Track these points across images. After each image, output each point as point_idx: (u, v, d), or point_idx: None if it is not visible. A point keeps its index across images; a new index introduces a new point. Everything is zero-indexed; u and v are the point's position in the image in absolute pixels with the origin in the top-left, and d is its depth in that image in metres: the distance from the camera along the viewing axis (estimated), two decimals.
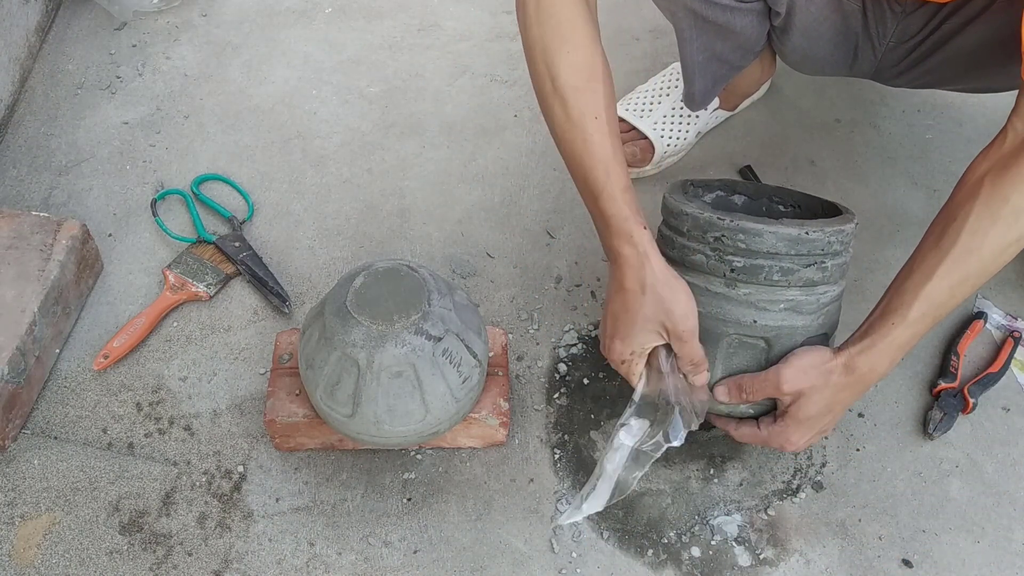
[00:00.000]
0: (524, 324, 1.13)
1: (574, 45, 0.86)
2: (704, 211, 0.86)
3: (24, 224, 1.07)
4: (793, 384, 0.84)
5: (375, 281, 0.90)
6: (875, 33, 1.05)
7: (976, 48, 0.99)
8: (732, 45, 1.09)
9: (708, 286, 0.86)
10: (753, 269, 0.84)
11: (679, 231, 0.88)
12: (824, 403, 0.85)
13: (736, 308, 0.85)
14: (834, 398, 0.85)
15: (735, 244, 0.84)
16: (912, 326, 0.82)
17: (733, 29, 1.04)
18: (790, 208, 0.99)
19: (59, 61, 1.42)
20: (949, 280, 0.80)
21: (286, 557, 0.94)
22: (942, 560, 0.96)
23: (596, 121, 0.85)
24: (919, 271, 0.82)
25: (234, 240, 1.18)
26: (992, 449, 1.04)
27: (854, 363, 0.83)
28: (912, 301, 0.81)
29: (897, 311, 0.82)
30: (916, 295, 0.81)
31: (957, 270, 0.80)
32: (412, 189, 1.28)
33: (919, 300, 0.81)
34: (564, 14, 0.87)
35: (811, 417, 0.86)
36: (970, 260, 0.80)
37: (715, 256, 0.85)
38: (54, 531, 0.95)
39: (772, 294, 0.85)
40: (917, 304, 0.81)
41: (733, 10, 1.02)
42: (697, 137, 1.32)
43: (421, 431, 0.90)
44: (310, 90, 1.41)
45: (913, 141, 1.36)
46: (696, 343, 0.84)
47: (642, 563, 0.94)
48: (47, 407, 1.03)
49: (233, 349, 1.09)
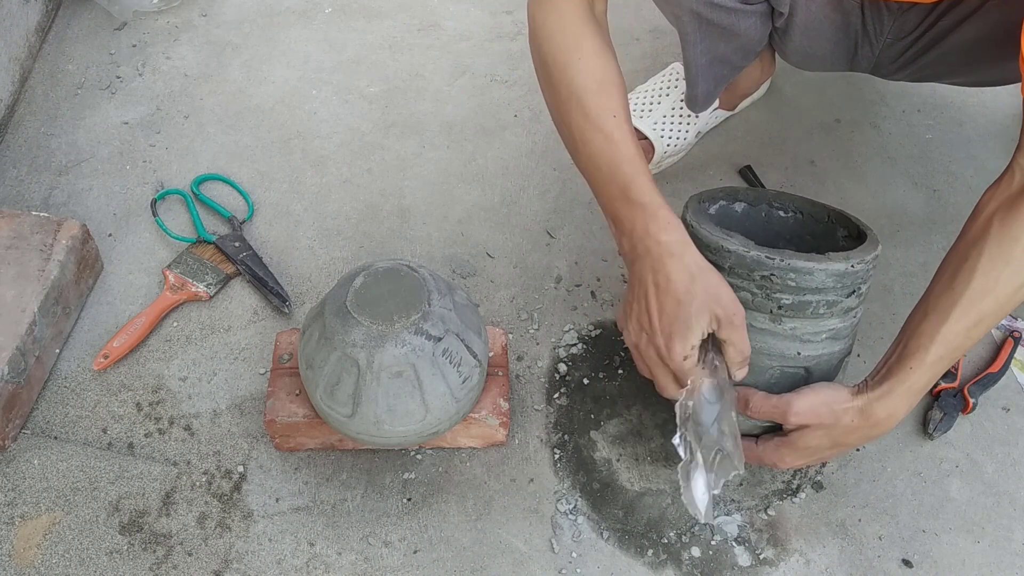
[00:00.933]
0: (524, 324, 1.13)
1: (584, 53, 0.89)
2: (750, 249, 0.83)
3: (24, 224, 1.07)
4: (802, 418, 0.83)
5: (375, 281, 0.90)
6: (872, 30, 1.05)
7: (972, 44, 0.99)
8: (735, 46, 1.09)
9: (752, 322, 0.83)
10: (801, 305, 0.83)
11: (718, 266, 0.83)
12: (829, 439, 0.84)
13: (781, 342, 0.84)
14: (842, 437, 0.84)
15: (784, 283, 0.82)
16: (930, 369, 0.81)
17: (737, 31, 1.05)
18: (791, 213, 0.98)
19: (59, 61, 1.42)
20: (965, 322, 0.80)
21: (286, 557, 0.94)
22: (942, 560, 0.96)
23: (615, 119, 0.86)
24: (934, 313, 0.81)
25: (234, 240, 1.18)
26: (992, 449, 1.04)
27: (871, 409, 0.82)
28: (929, 344, 0.80)
29: (915, 355, 0.81)
30: (933, 338, 0.80)
31: (972, 311, 0.80)
32: (412, 189, 1.28)
33: (936, 344, 0.80)
34: (575, 29, 0.90)
35: (810, 447, 0.85)
36: (985, 301, 0.79)
37: (762, 294, 0.83)
38: (54, 531, 0.95)
39: (816, 326, 0.84)
40: (934, 347, 0.80)
41: (737, 12, 1.02)
42: (697, 137, 1.32)
43: (421, 431, 0.90)
44: (310, 90, 1.41)
45: (913, 141, 1.36)
46: (745, 333, 0.81)
47: (642, 563, 0.94)
48: (47, 407, 1.03)
49: (233, 349, 1.09)
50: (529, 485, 0.99)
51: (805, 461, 0.87)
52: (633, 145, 0.86)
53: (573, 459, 1.01)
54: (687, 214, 0.89)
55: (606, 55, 0.90)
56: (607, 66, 0.89)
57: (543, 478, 1.00)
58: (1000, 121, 1.39)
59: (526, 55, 1.48)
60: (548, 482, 1.00)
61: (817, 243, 0.97)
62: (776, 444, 0.87)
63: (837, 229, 0.96)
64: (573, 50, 0.89)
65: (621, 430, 1.03)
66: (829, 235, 0.97)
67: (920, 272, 1.20)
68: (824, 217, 0.97)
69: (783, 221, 0.98)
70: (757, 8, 1.03)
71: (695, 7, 1.01)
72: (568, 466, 1.01)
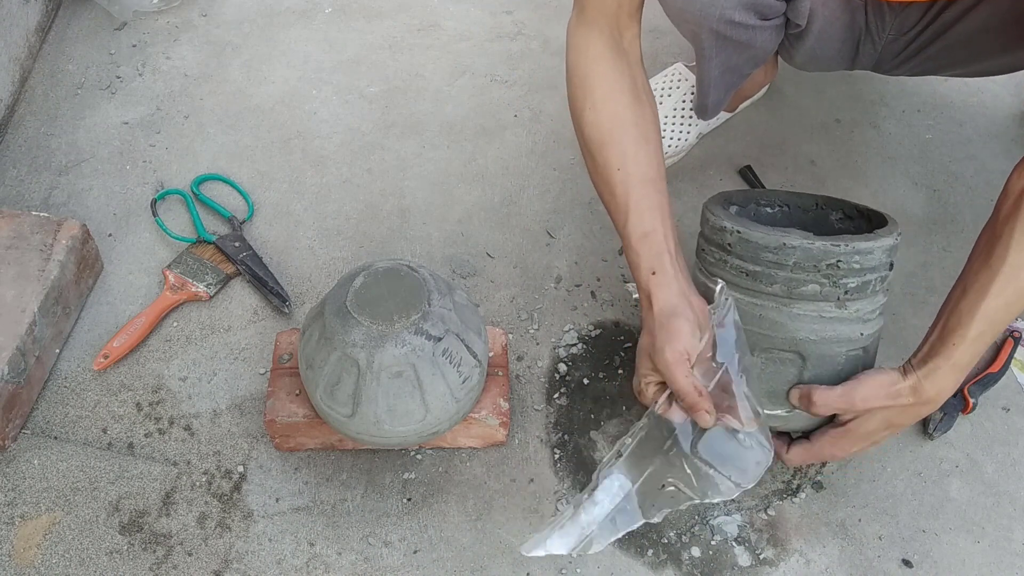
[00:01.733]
0: (524, 324, 1.13)
1: (594, 101, 0.91)
2: (815, 241, 0.83)
3: (24, 224, 1.07)
4: (869, 403, 0.85)
5: (375, 281, 0.90)
6: (875, 27, 1.05)
7: (975, 34, 1.00)
8: (747, 57, 1.10)
9: (821, 313, 0.85)
10: (863, 286, 0.85)
11: (782, 265, 0.84)
12: (885, 421, 0.86)
13: (847, 327, 0.86)
14: (896, 417, 0.86)
15: (850, 266, 0.84)
16: (973, 345, 0.82)
17: (753, 44, 1.05)
18: (777, 208, 0.99)
19: (59, 61, 1.42)
20: (1004, 297, 0.81)
21: (286, 557, 0.94)
22: (942, 560, 0.96)
23: (617, 173, 0.88)
24: (973, 290, 0.83)
25: (234, 240, 1.18)
26: (992, 449, 1.04)
27: (921, 386, 0.83)
28: (970, 321, 0.82)
29: (956, 331, 0.83)
30: (973, 315, 0.82)
31: (1011, 286, 0.81)
32: (412, 189, 1.28)
33: (977, 319, 0.82)
34: (589, 70, 0.92)
35: (870, 432, 0.87)
36: (1021, 275, 0.81)
37: (828, 283, 0.84)
38: (54, 531, 0.95)
39: (873, 303, 0.87)
40: (975, 323, 0.82)
41: (756, 28, 1.03)
42: (698, 138, 1.32)
43: (421, 431, 0.90)
44: (310, 90, 1.41)
45: (913, 141, 1.36)
46: (681, 379, 0.80)
47: (642, 563, 0.94)
48: (47, 407, 1.03)
49: (233, 349, 1.09)
50: (529, 485, 0.99)
51: (863, 447, 0.88)
52: (630, 198, 0.87)
53: (573, 459, 1.01)
54: (727, 221, 0.88)
55: (619, 97, 0.91)
56: (617, 111, 0.90)
57: (543, 478, 1.00)
58: (1000, 121, 1.39)
59: (526, 55, 1.49)
60: (548, 482, 1.00)
61: (809, 230, 0.98)
62: (834, 436, 0.88)
63: (829, 213, 0.98)
64: (584, 96, 0.92)
65: (621, 430, 1.03)
66: (821, 221, 0.98)
67: (920, 272, 1.20)
68: (812, 205, 0.98)
69: (770, 217, 0.99)
70: (774, 21, 1.03)
71: (715, 26, 1.01)
72: (568, 466, 1.01)
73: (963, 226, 1.25)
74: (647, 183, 0.88)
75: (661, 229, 0.86)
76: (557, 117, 1.38)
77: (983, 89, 1.43)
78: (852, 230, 0.96)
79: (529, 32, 1.52)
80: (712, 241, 0.90)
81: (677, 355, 0.81)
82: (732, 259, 0.87)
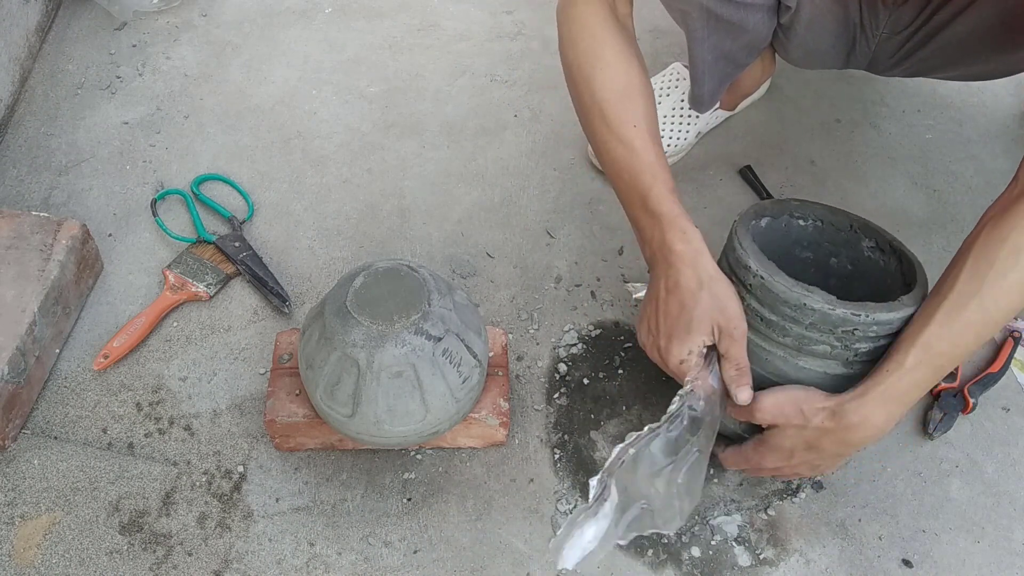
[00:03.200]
0: (524, 324, 1.13)
1: (607, 62, 0.91)
2: (835, 307, 0.81)
3: (24, 224, 1.07)
4: (765, 414, 0.84)
5: (375, 281, 0.90)
6: (869, 24, 1.06)
7: (967, 37, 1.00)
8: (741, 43, 1.09)
9: (827, 370, 0.84)
10: (875, 350, 0.83)
11: (798, 322, 0.83)
12: (801, 441, 0.83)
13: (851, 381, 0.84)
14: (816, 441, 0.83)
15: (866, 334, 0.82)
16: (908, 374, 0.79)
17: (745, 27, 1.05)
18: (811, 222, 0.97)
19: (59, 61, 1.42)
20: (949, 327, 0.77)
21: (286, 557, 0.94)
22: (942, 560, 0.96)
23: (636, 129, 0.88)
24: (918, 320, 0.80)
25: (234, 240, 1.18)
26: (992, 449, 1.04)
27: (842, 410, 0.80)
28: (909, 348, 0.79)
29: (892, 358, 0.80)
30: (913, 342, 0.79)
31: (956, 316, 0.77)
32: (412, 189, 1.28)
33: (916, 347, 0.78)
34: (597, 35, 0.92)
35: (783, 449, 0.85)
36: (969, 305, 0.77)
37: (841, 345, 0.83)
38: (54, 531, 0.95)
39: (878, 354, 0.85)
40: (914, 351, 0.78)
41: (747, 7, 1.02)
42: (697, 137, 1.32)
43: (421, 431, 0.90)
44: (310, 90, 1.41)
45: (913, 141, 1.36)
46: (744, 348, 0.81)
47: (642, 563, 0.94)
48: (47, 407, 1.03)
49: (233, 349, 1.09)
50: (529, 485, 0.99)
51: (785, 463, 0.87)
52: (653, 154, 0.87)
53: (573, 459, 1.01)
54: (752, 261, 0.85)
55: (629, 61, 0.92)
56: (629, 72, 0.91)
57: (543, 478, 1.00)
58: (1000, 121, 1.39)
59: (526, 55, 1.49)
60: (548, 482, 1.00)
61: (837, 250, 0.97)
62: (754, 443, 0.88)
63: (862, 239, 0.95)
64: (595, 58, 0.91)
65: (621, 430, 1.03)
66: (851, 244, 0.96)
67: None
68: (846, 226, 0.96)
69: (802, 230, 0.98)
70: (765, 2, 1.03)
71: (705, 2, 1.01)
72: (568, 466, 1.01)
73: (963, 226, 1.25)
74: (660, 147, 0.89)
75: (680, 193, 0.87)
76: (557, 117, 1.38)
77: (983, 89, 1.43)
78: (879, 264, 0.94)
79: (529, 32, 1.52)
80: (735, 272, 0.87)
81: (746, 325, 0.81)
82: (751, 300, 0.85)
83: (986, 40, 0.98)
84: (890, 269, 0.93)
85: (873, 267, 0.95)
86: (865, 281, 0.95)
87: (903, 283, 0.90)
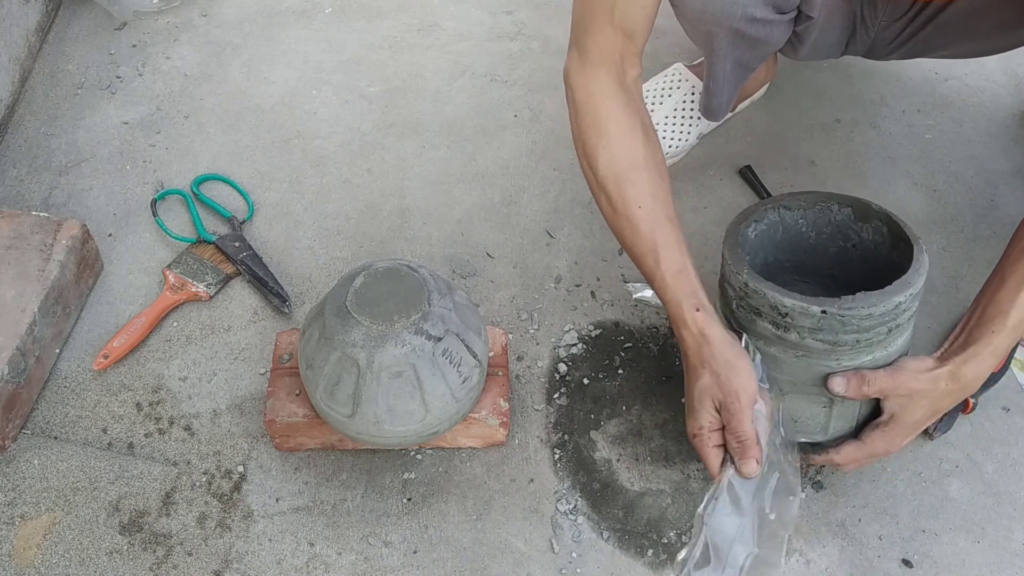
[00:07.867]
0: (524, 324, 1.13)
1: (610, 139, 0.90)
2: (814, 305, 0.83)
3: (24, 224, 1.07)
4: (908, 385, 0.86)
5: (375, 281, 0.90)
6: (868, 13, 1.06)
7: (967, 15, 1.00)
8: (758, 52, 1.10)
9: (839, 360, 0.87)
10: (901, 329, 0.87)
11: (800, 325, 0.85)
12: (929, 407, 0.87)
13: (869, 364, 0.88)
14: (938, 403, 0.87)
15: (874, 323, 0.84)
16: (1011, 333, 0.84)
17: (769, 41, 1.05)
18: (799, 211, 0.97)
19: (59, 61, 1.42)
20: None
21: (286, 557, 0.94)
22: (942, 560, 0.96)
23: (640, 210, 0.88)
24: (1012, 279, 0.84)
25: (234, 240, 1.18)
26: (992, 449, 1.04)
27: (960, 372, 0.85)
28: (1010, 309, 0.83)
29: (995, 319, 0.84)
30: (1013, 302, 0.83)
31: None
32: (412, 189, 1.28)
33: (1016, 307, 0.83)
34: (600, 109, 0.91)
35: (916, 421, 0.88)
36: None
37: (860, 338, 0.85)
38: (54, 531, 0.95)
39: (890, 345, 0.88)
40: (1015, 311, 0.83)
41: (772, 23, 1.02)
42: (699, 139, 1.32)
43: (421, 431, 0.91)
44: (310, 90, 1.41)
45: (913, 141, 1.36)
46: (745, 421, 0.82)
47: (642, 563, 0.94)
48: (47, 407, 1.03)
49: (233, 349, 1.09)
50: (529, 485, 0.99)
51: (911, 438, 0.90)
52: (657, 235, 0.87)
53: (573, 459, 1.01)
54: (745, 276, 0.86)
55: (632, 134, 0.90)
56: (633, 147, 0.90)
57: (543, 478, 1.00)
58: (1000, 121, 1.39)
59: (526, 55, 1.49)
60: (548, 482, 1.00)
61: (835, 233, 0.98)
62: (883, 431, 0.89)
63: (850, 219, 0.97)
64: (598, 134, 0.90)
65: (621, 430, 1.04)
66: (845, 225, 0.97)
67: None
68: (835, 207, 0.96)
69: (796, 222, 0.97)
70: (789, 15, 1.04)
71: (736, 24, 1.00)
72: (568, 466, 1.01)
73: (963, 226, 1.25)
74: (670, 220, 0.89)
75: (691, 266, 0.87)
76: (557, 117, 1.38)
77: (983, 89, 1.43)
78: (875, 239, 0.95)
79: (529, 32, 1.52)
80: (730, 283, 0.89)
81: (750, 397, 0.83)
82: (762, 321, 0.87)
83: (986, 16, 0.99)
84: (884, 241, 0.94)
85: (870, 244, 0.96)
86: (865, 263, 0.96)
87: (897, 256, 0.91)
